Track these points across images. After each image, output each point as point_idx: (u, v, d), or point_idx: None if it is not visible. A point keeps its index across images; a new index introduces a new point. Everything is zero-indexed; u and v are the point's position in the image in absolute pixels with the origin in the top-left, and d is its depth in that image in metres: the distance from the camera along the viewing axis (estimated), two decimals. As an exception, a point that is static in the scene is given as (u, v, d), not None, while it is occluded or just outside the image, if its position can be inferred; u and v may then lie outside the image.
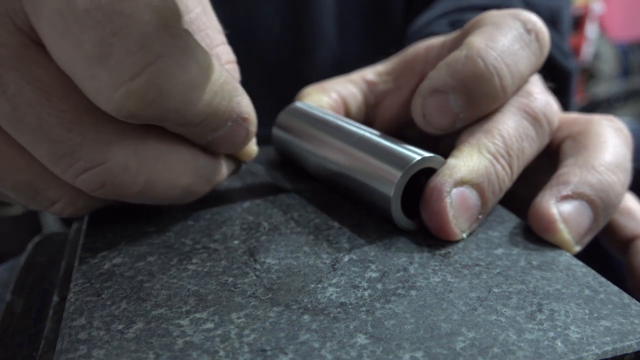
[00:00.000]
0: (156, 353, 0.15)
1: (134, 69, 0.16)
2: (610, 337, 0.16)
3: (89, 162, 0.18)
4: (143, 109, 0.16)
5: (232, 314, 0.17)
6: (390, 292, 0.18)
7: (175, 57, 0.16)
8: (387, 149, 0.22)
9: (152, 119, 0.17)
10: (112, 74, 0.16)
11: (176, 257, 0.20)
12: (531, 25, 0.24)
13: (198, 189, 0.21)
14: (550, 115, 0.24)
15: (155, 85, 0.16)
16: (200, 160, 0.21)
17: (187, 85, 0.17)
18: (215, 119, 0.19)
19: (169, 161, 0.20)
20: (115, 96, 0.16)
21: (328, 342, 0.15)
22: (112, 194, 0.19)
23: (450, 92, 0.23)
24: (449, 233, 0.21)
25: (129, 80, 0.16)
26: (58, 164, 0.18)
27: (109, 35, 0.15)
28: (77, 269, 0.19)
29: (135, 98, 0.16)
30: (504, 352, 0.15)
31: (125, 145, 0.18)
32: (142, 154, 0.19)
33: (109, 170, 0.18)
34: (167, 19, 0.16)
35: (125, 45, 0.15)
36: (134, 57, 0.16)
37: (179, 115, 0.18)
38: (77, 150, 0.18)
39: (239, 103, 0.20)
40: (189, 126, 0.19)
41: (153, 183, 0.19)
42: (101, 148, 0.18)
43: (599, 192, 0.22)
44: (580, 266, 0.20)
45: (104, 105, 0.16)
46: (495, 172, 0.22)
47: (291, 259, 0.20)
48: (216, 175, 0.22)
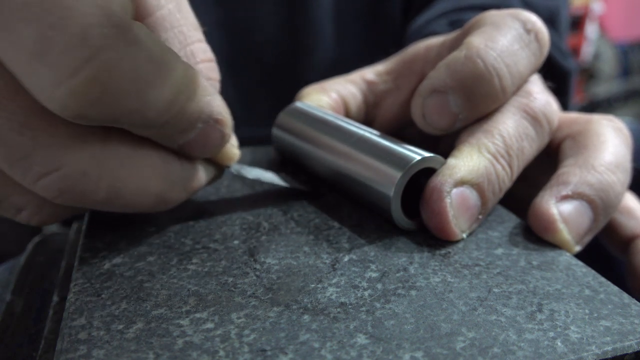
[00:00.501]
0: (156, 353, 0.15)
1: (74, 64, 0.15)
2: (610, 337, 0.16)
3: (44, 168, 0.17)
4: (88, 108, 0.15)
5: (232, 314, 0.17)
6: (390, 292, 0.18)
7: (120, 51, 0.15)
8: (387, 149, 0.22)
9: (103, 120, 0.16)
10: (52, 71, 0.15)
11: (176, 257, 0.20)
12: (531, 25, 0.24)
13: (172, 196, 0.20)
14: (550, 114, 0.24)
15: (99, 82, 0.15)
16: (173, 166, 0.20)
17: (139, 83, 0.16)
18: (182, 120, 0.18)
19: (136, 166, 0.18)
20: (57, 94, 0.15)
21: (328, 342, 0.15)
22: (74, 201, 0.18)
23: (450, 92, 0.23)
24: (449, 233, 0.21)
25: (69, 77, 0.15)
26: (13, 170, 0.17)
27: (47, 29, 0.14)
28: (77, 269, 0.19)
29: (78, 96, 0.15)
30: (504, 352, 0.15)
31: (82, 150, 0.17)
32: (102, 158, 0.18)
33: (66, 176, 0.17)
34: (112, 10, 0.15)
35: (64, 39, 0.14)
36: (74, 52, 0.15)
37: (137, 115, 0.17)
38: (30, 155, 0.17)
39: (209, 103, 0.19)
40: (153, 128, 0.18)
41: (119, 190, 0.18)
42: (55, 152, 0.17)
43: (598, 192, 0.22)
44: (580, 266, 0.20)
45: (47, 104, 0.15)
46: (495, 172, 0.22)
47: (291, 259, 0.20)
48: (192, 181, 0.21)
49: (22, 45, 0.15)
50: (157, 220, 0.22)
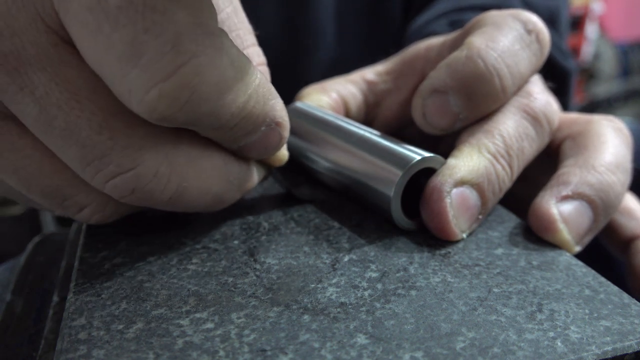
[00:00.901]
0: (156, 353, 0.15)
1: (167, 69, 0.15)
2: (610, 337, 0.16)
3: (119, 167, 0.17)
4: (176, 112, 0.16)
5: (232, 314, 0.17)
6: (390, 292, 0.18)
7: (209, 56, 0.16)
8: (387, 149, 0.22)
9: (185, 123, 0.17)
10: (143, 75, 0.15)
11: (176, 257, 0.20)
12: (532, 26, 0.24)
13: (229, 196, 0.20)
14: (550, 115, 0.24)
15: (189, 87, 0.15)
16: (232, 166, 0.20)
17: (222, 87, 0.16)
18: (249, 123, 0.18)
19: (201, 167, 0.19)
20: (147, 98, 0.15)
21: (328, 342, 0.15)
22: (142, 201, 0.18)
23: (451, 92, 0.23)
24: (449, 233, 0.21)
25: (161, 81, 0.15)
26: (87, 169, 0.17)
27: (141, 33, 0.15)
28: (77, 269, 0.19)
29: (168, 100, 0.15)
30: (504, 352, 0.15)
31: (157, 150, 0.17)
32: (174, 159, 0.18)
33: (140, 176, 0.17)
34: (202, 17, 0.15)
35: (157, 44, 0.15)
36: (167, 57, 0.15)
37: (213, 118, 0.17)
38: (107, 155, 0.17)
39: (273, 107, 0.19)
40: (222, 130, 0.18)
41: (184, 190, 0.18)
42: (132, 153, 0.17)
43: (599, 192, 0.22)
44: (580, 266, 0.20)
45: (135, 107, 0.16)
46: (495, 172, 0.22)
47: (291, 259, 0.20)
48: (247, 181, 0.21)
49: (114, 49, 0.15)
50: (157, 220, 0.22)
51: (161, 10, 0.15)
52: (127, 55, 0.15)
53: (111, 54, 0.15)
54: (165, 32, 0.15)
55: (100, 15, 0.15)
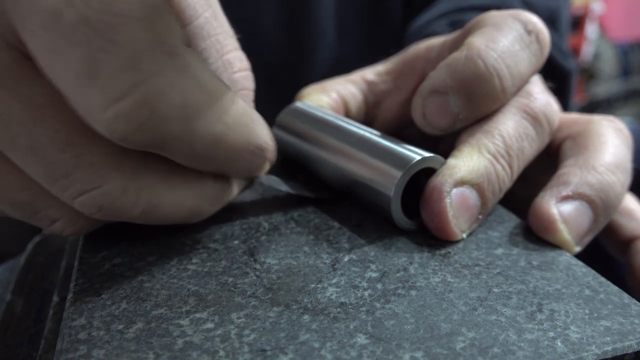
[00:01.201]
0: (156, 353, 0.15)
1: (123, 88, 0.15)
2: (610, 337, 0.16)
3: (85, 185, 0.17)
4: (135, 132, 0.15)
5: (232, 314, 0.17)
6: (390, 292, 0.18)
7: (170, 76, 0.15)
8: (387, 149, 0.22)
9: (148, 145, 0.16)
10: (100, 93, 0.15)
11: (176, 257, 0.20)
12: (532, 26, 0.24)
13: (205, 209, 0.20)
14: (550, 115, 0.24)
15: (146, 107, 0.15)
16: (206, 181, 0.20)
17: (188, 111, 0.16)
18: (229, 153, 0.18)
19: (172, 183, 0.18)
20: (105, 116, 0.15)
21: (328, 342, 0.15)
22: (112, 217, 0.18)
23: (451, 92, 0.23)
24: (449, 233, 0.21)
25: (117, 100, 0.15)
26: (54, 186, 0.17)
27: (96, 52, 0.14)
28: (77, 269, 0.19)
29: (125, 119, 0.15)
30: (504, 352, 0.15)
31: (123, 168, 0.17)
32: (142, 176, 0.18)
33: (107, 194, 0.17)
34: (163, 35, 0.15)
35: (113, 62, 0.14)
36: (123, 75, 0.14)
37: (183, 145, 0.16)
38: (72, 173, 0.17)
39: (254, 132, 0.18)
40: (199, 159, 0.17)
41: (155, 206, 0.18)
42: (98, 171, 0.17)
43: (599, 192, 0.22)
44: (580, 266, 0.20)
45: (95, 125, 0.15)
46: (495, 172, 0.22)
47: (291, 259, 0.20)
48: (225, 195, 0.21)
49: (71, 66, 0.14)
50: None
51: (118, 29, 0.14)
52: (84, 73, 0.14)
53: (68, 71, 0.15)
54: (121, 50, 0.14)
55: (55, 33, 0.14)
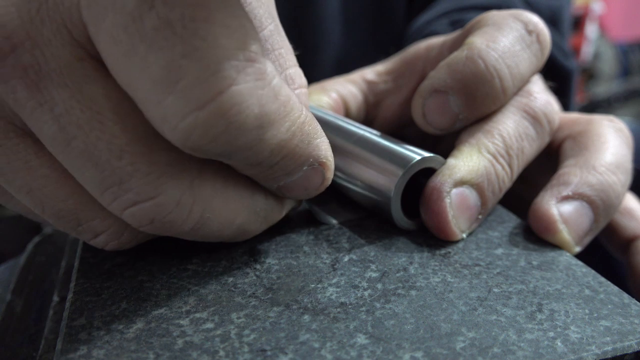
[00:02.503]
0: (156, 353, 0.15)
1: (205, 97, 0.14)
2: (610, 337, 0.16)
3: (139, 195, 0.16)
4: (211, 142, 0.15)
5: (232, 314, 0.17)
6: (390, 292, 0.18)
7: (251, 85, 0.14)
8: (387, 149, 0.22)
9: (219, 155, 0.15)
10: (179, 101, 0.14)
11: (176, 257, 0.20)
12: (532, 27, 0.24)
13: (254, 227, 0.19)
14: (550, 114, 0.24)
15: (227, 116, 0.14)
16: (259, 197, 0.19)
17: (263, 120, 0.15)
18: (291, 162, 0.17)
19: (226, 198, 0.18)
20: (182, 126, 0.14)
21: (328, 342, 0.15)
22: (161, 230, 0.17)
23: (451, 92, 0.23)
24: (449, 233, 0.21)
25: (197, 109, 0.14)
26: (105, 194, 0.16)
27: (178, 57, 0.14)
28: (77, 269, 0.19)
29: (203, 129, 0.14)
30: (504, 352, 0.15)
31: (180, 179, 0.16)
32: (198, 189, 0.17)
33: (161, 206, 0.16)
34: (245, 42, 0.14)
35: (196, 69, 0.14)
36: (205, 84, 0.14)
37: (251, 153, 0.16)
38: (126, 181, 0.16)
39: (318, 146, 0.18)
40: (260, 167, 0.17)
41: (207, 220, 0.17)
42: (154, 181, 0.16)
43: (599, 192, 0.22)
44: (580, 266, 0.20)
45: (168, 134, 0.15)
46: (495, 172, 0.22)
47: (291, 259, 0.20)
48: (275, 213, 0.20)
49: (149, 72, 0.14)
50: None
51: (202, 35, 0.14)
52: (163, 79, 0.14)
53: (145, 76, 0.14)
54: (205, 57, 0.14)
55: (135, 35, 0.14)
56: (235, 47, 0.14)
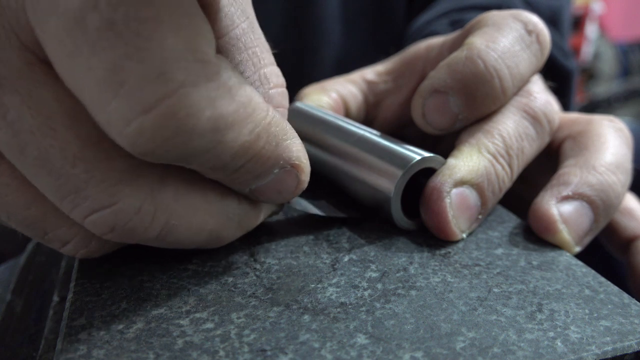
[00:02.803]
0: (156, 353, 0.15)
1: (150, 100, 0.13)
2: (610, 337, 0.16)
3: (97, 203, 0.15)
4: (160, 147, 0.14)
5: (232, 314, 0.17)
6: (390, 292, 0.18)
7: (201, 87, 0.14)
8: (387, 149, 0.22)
9: (175, 160, 0.15)
10: (124, 104, 0.13)
11: (176, 257, 0.20)
12: (532, 27, 0.24)
13: (227, 234, 0.18)
14: (550, 114, 0.24)
15: (175, 120, 0.14)
16: (230, 202, 0.18)
17: (218, 123, 0.14)
18: (259, 165, 0.16)
19: (192, 203, 0.17)
20: (127, 131, 0.14)
21: (328, 342, 0.15)
22: (125, 238, 0.17)
23: (451, 92, 0.23)
24: (449, 233, 0.21)
25: (143, 113, 0.13)
26: (64, 202, 0.16)
27: (122, 59, 0.13)
28: (77, 269, 0.19)
29: (151, 133, 0.14)
30: (504, 352, 0.15)
31: (139, 185, 0.16)
32: (159, 195, 0.16)
33: (120, 213, 0.16)
34: (195, 42, 0.14)
35: (140, 71, 0.13)
36: (151, 86, 0.13)
37: (210, 157, 0.15)
38: (83, 189, 0.15)
39: (288, 147, 0.17)
40: (225, 171, 0.16)
41: (173, 227, 0.17)
42: (110, 188, 0.15)
43: (599, 192, 0.22)
44: (580, 266, 0.20)
45: (117, 138, 0.14)
46: (495, 172, 0.22)
47: (291, 259, 0.20)
48: (250, 219, 0.19)
49: (93, 74, 0.13)
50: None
51: (146, 35, 0.13)
52: (107, 82, 0.13)
53: (90, 79, 0.13)
54: (149, 58, 0.13)
55: (78, 37, 0.13)
56: (184, 48, 0.14)
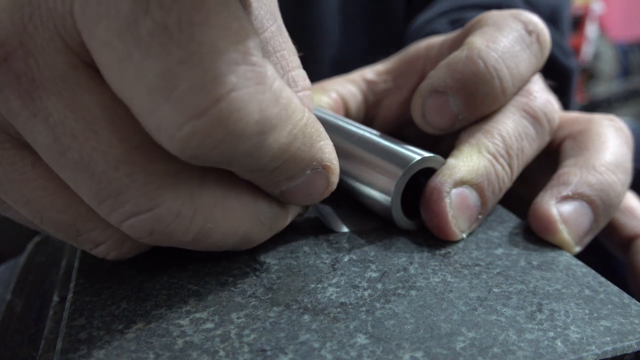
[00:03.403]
0: (156, 353, 0.15)
1: (203, 104, 0.13)
2: (610, 337, 0.16)
3: (137, 207, 0.15)
4: (210, 151, 0.14)
5: (232, 313, 0.17)
6: (390, 292, 0.18)
7: (251, 90, 0.14)
8: (387, 149, 0.22)
9: (219, 162, 0.15)
10: (176, 109, 0.13)
11: (176, 257, 0.20)
12: (532, 27, 0.24)
13: (259, 236, 0.19)
14: (550, 113, 0.24)
15: (226, 124, 0.14)
16: (263, 205, 0.18)
17: (264, 125, 0.15)
18: (293, 166, 0.17)
19: (228, 207, 0.17)
20: (179, 135, 0.14)
21: (328, 342, 0.15)
22: (161, 241, 0.17)
23: (450, 92, 0.23)
24: (449, 233, 0.21)
25: (195, 117, 0.13)
26: (102, 206, 0.16)
27: (175, 64, 0.13)
28: (77, 269, 0.19)
29: (202, 138, 0.14)
30: (504, 352, 0.15)
31: (179, 190, 0.16)
32: (198, 199, 0.16)
33: (160, 217, 0.16)
34: (244, 46, 0.14)
35: (193, 76, 0.13)
36: (204, 90, 0.13)
37: (251, 159, 0.15)
38: (123, 193, 0.15)
39: (321, 149, 0.17)
40: (261, 172, 0.16)
41: (209, 231, 0.17)
42: (152, 192, 0.15)
43: (599, 192, 0.22)
44: (580, 266, 0.20)
45: (166, 143, 0.14)
46: (495, 172, 0.22)
47: (291, 259, 0.20)
48: (280, 221, 0.19)
49: (144, 79, 0.13)
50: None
51: (199, 39, 0.13)
52: (159, 87, 0.13)
53: (141, 84, 0.13)
54: (202, 62, 0.13)
55: (130, 42, 0.13)
56: (234, 51, 0.14)
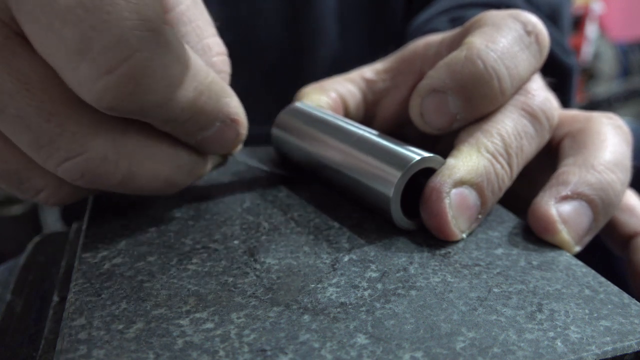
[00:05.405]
0: (156, 353, 0.15)
1: (112, 63, 0.16)
2: (610, 337, 0.16)
3: (69, 152, 0.18)
4: (122, 102, 0.17)
5: (232, 314, 0.17)
6: (390, 292, 0.18)
7: (153, 52, 0.17)
8: (387, 149, 0.22)
9: (133, 113, 0.18)
10: (91, 67, 0.16)
11: (176, 257, 0.20)
12: (531, 27, 0.24)
13: (180, 180, 0.22)
14: (549, 111, 0.24)
15: (133, 79, 0.17)
16: (182, 153, 0.21)
17: (168, 81, 0.18)
18: (202, 118, 0.20)
19: (150, 153, 0.20)
20: (95, 88, 0.17)
21: (328, 342, 0.15)
22: (93, 184, 0.19)
23: (449, 92, 0.23)
24: (449, 233, 0.21)
25: (106, 73, 0.16)
26: (39, 153, 0.18)
27: (88, 30, 0.16)
28: (77, 269, 0.19)
29: (114, 91, 0.17)
30: (504, 352, 0.15)
31: (104, 137, 0.19)
32: (121, 145, 0.19)
33: (89, 161, 0.19)
34: (147, 15, 0.17)
35: (103, 40, 0.16)
36: (112, 52, 0.16)
37: (161, 110, 0.18)
38: (56, 141, 0.18)
39: (227, 104, 0.20)
40: (174, 123, 0.19)
41: (134, 174, 0.20)
42: (80, 139, 0.18)
43: (598, 191, 0.22)
44: (580, 266, 0.20)
45: (85, 96, 0.17)
46: (495, 171, 0.22)
47: (291, 259, 0.20)
48: (199, 168, 0.22)
49: (64, 44, 0.16)
50: (157, 220, 0.22)
51: (107, 10, 0.16)
52: (76, 50, 0.16)
53: (62, 48, 0.16)
54: (110, 29, 0.16)
55: (51, 13, 0.16)
56: (137, 19, 0.16)
